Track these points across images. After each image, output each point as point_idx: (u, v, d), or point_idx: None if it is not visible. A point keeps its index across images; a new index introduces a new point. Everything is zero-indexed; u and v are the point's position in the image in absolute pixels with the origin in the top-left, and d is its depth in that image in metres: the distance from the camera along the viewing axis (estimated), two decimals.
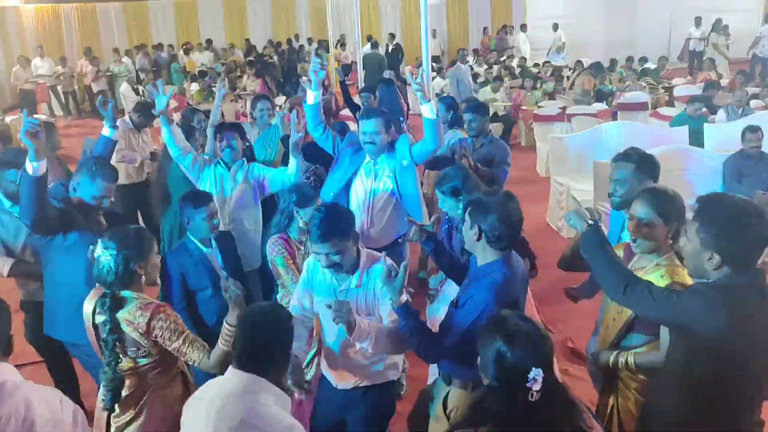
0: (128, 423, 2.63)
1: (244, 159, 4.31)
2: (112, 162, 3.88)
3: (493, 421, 1.80)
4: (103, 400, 2.57)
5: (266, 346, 2.14)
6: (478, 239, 2.44)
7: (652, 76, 11.92)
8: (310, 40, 19.25)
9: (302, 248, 3.52)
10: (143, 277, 2.64)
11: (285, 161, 4.30)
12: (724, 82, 11.11)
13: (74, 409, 1.96)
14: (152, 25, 19.90)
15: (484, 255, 2.47)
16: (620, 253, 2.74)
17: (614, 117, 9.38)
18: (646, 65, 13.20)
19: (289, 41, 18.70)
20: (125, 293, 2.59)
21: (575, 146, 7.23)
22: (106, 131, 3.89)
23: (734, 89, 9.21)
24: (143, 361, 2.60)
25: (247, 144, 4.78)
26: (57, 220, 3.11)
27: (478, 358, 1.89)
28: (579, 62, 13.11)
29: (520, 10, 19.79)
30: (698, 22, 16.03)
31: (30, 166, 2.87)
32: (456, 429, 1.92)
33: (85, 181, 3.26)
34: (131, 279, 2.60)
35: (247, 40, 19.14)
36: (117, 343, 2.53)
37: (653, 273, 2.50)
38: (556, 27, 17.03)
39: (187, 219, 3.38)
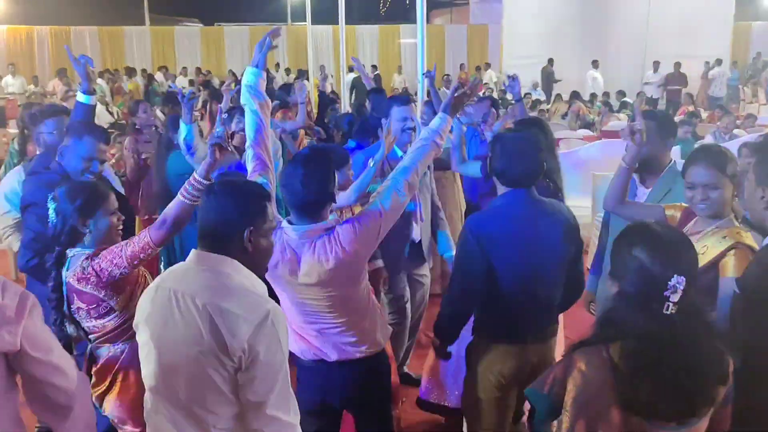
0: (103, 394, 2.47)
1: None
2: None
3: (626, 335, 1.62)
4: None
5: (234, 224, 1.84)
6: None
7: (630, 108, 12.12)
8: (288, 70, 19.24)
9: None
10: (89, 235, 2.43)
11: None
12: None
13: (22, 296, 1.68)
14: (127, 51, 19.71)
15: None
16: (676, 214, 2.59)
17: None
18: (624, 99, 13.50)
19: (266, 71, 18.61)
20: (70, 251, 2.40)
21: (567, 164, 7.17)
22: (80, 97, 3.41)
23: (714, 120, 9.45)
24: (110, 323, 2.40)
25: None
26: None
27: (611, 263, 1.75)
28: (558, 95, 13.36)
29: (496, 48, 20.15)
30: (656, 67, 16.59)
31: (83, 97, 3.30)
32: (582, 346, 1.71)
33: (72, 142, 2.95)
34: (75, 237, 2.40)
35: (231, 70, 19.04)
36: (58, 302, 2.39)
37: (712, 237, 2.34)
38: (551, 62, 17.53)
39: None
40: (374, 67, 18.23)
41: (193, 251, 1.87)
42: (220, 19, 23.55)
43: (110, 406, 2.49)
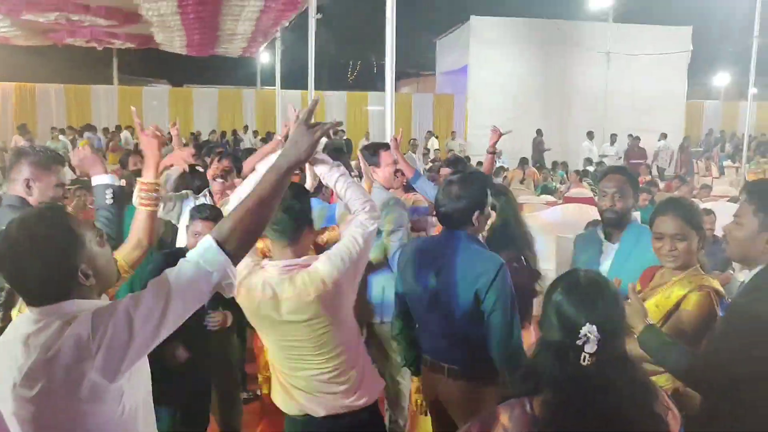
0: None
1: None
2: None
3: (546, 387, 1.54)
4: None
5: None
6: None
7: (591, 177, 12.43)
8: (255, 133, 19.35)
9: None
10: None
11: None
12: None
13: None
14: (94, 109, 19.62)
15: None
16: (648, 273, 2.61)
17: None
18: (587, 167, 13.87)
19: (234, 132, 18.74)
20: None
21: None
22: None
23: (671, 190, 9.75)
24: None
25: None
26: None
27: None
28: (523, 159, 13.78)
29: (461, 117, 20.68)
30: (613, 140, 17.22)
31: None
32: (508, 399, 1.63)
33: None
34: None
35: (192, 133, 19.04)
36: None
37: (677, 285, 2.36)
38: (540, 132, 18.14)
39: None
40: (342, 131, 18.46)
41: None
42: (189, 81, 23.73)
43: None
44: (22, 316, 1.64)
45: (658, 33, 19.39)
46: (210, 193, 4.05)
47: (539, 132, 18.23)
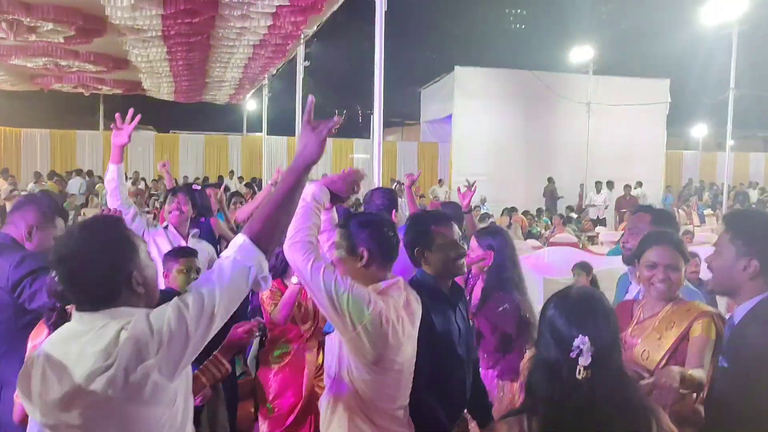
0: None
1: None
2: None
3: (542, 402, 1.55)
4: None
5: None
6: None
7: (575, 224, 12.56)
8: (241, 178, 19.36)
9: None
10: None
11: None
12: None
13: None
14: (78, 154, 19.60)
15: None
16: (621, 312, 2.56)
17: None
18: (570, 214, 14.02)
19: (219, 177, 18.76)
20: None
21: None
22: None
23: None
24: None
25: None
26: None
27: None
28: (505, 209, 13.84)
29: (445, 165, 20.89)
30: (599, 188, 17.51)
31: None
32: (509, 416, 1.63)
33: None
34: None
35: (185, 177, 18.93)
36: None
37: (674, 314, 2.39)
38: (551, 180, 18.45)
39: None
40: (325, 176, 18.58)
41: None
42: (176, 127, 23.81)
43: None
44: (69, 325, 1.66)
45: (638, 85, 19.90)
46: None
47: (551, 180, 18.43)
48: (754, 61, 19.34)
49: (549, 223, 13.08)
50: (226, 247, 1.92)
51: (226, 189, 17.82)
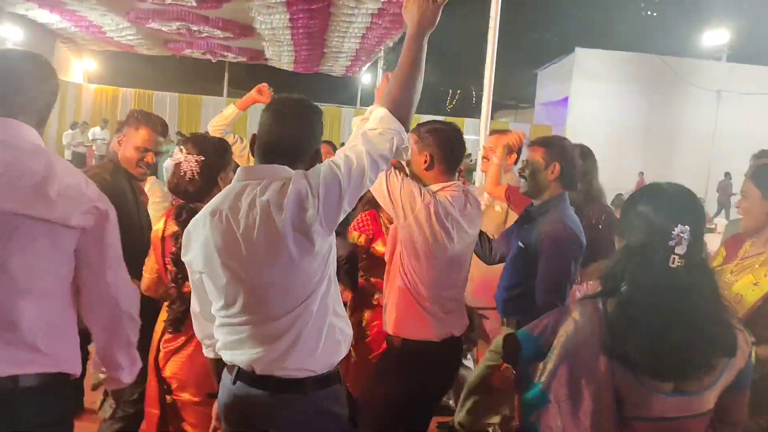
0: (172, 352, 2.38)
1: None
2: None
3: (628, 286, 1.57)
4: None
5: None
6: None
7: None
8: None
9: None
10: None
11: None
12: None
13: (105, 202, 1.76)
14: (203, 119, 20.73)
15: None
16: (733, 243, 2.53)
17: None
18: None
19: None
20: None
21: None
22: None
23: None
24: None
25: None
26: None
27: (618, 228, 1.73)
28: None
29: None
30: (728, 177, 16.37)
31: None
32: (585, 299, 1.69)
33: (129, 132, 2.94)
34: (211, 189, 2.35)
35: None
36: None
37: (761, 268, 2.22)
38: (728, 175, 17.21)
39: None
40: None
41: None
42: None
43: (175, 367, 2.38)
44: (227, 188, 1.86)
45: None
46: None
47: (728, 175, 17.34)
48: None
49: None
50: None
51: None
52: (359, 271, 3.24)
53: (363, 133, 1.81)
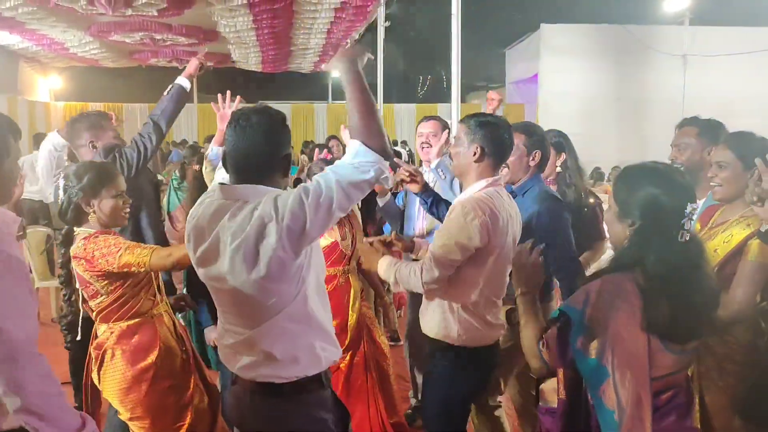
0: (97, 370, 2.53)
1: None
2: None
3: (646, 261, 1.75)
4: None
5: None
6: None
7: None
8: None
9: None
10: (93, 215, 2.51)
11: None
12: None
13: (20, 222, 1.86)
14: (175, 126, 20.56)
15: None
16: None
17: None
18: None
19: (308, 143, 19.28)
20: (76, 229, 2.51)
21: None
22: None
23: None
24: (98, 304, 2.48)
25: None
26: None
27: (619, 205, 1.87)
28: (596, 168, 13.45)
29: None
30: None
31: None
32: (603, 274, 1.85)
33: None
34: (79, 216, 2.49)
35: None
36: (69, 279, 2.51)
37: (736, 226, 2.34)
38: None
39: None
40: (404, 143, 18.60)
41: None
42: (264, 98, 24.38)
43: (103, 384, 2.53)
44: (207, 196, 1.98)
45: (740, 34, 18.59)
46: None
47: None
48: None
49: None
50: None
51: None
52: None
53: (341, 164, 1.86)
